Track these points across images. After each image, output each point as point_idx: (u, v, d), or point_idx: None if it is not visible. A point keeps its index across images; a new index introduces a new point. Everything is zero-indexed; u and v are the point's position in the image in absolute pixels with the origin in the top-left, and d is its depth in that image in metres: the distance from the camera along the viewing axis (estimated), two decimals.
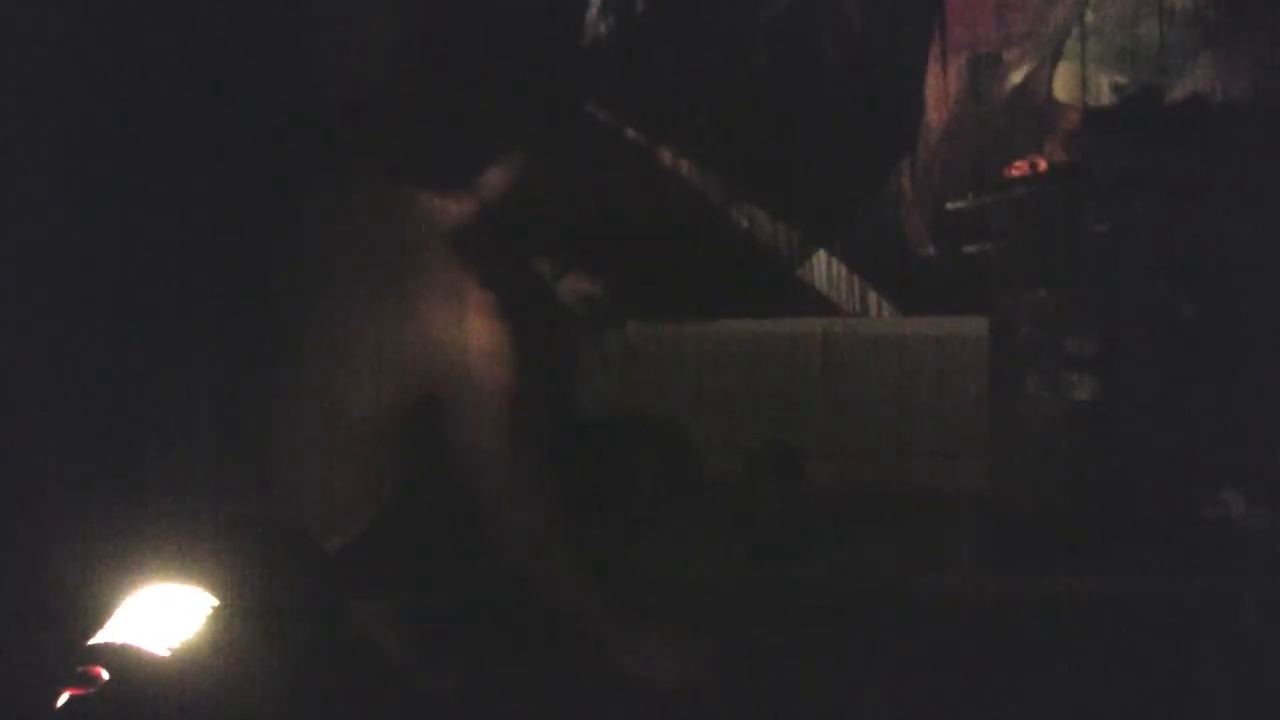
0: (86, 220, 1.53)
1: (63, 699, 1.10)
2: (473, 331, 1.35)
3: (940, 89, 1.98)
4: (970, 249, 1.97)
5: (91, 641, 1.16)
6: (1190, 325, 1.95)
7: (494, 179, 1.41)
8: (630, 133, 1.94)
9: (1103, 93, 2.13)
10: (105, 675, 1.12)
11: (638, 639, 1.32)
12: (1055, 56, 2.11)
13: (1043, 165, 2.01)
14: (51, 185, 1.50)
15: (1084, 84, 2.12)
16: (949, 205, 1.98)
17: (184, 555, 1.25)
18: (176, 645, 1.18)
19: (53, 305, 1.48)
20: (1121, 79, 2.11)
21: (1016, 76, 2.11)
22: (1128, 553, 1.29)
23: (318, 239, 1.43)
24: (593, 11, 1.95)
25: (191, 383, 1.52)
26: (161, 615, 1.20)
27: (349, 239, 1.40)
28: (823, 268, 1.87)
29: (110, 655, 1.14)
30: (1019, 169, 2.01)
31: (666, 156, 1.89)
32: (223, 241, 1.58)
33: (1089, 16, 2.11)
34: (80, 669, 1.12)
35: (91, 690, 1.11)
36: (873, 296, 1.90)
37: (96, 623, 1.17)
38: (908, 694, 1.45)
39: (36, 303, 1.46)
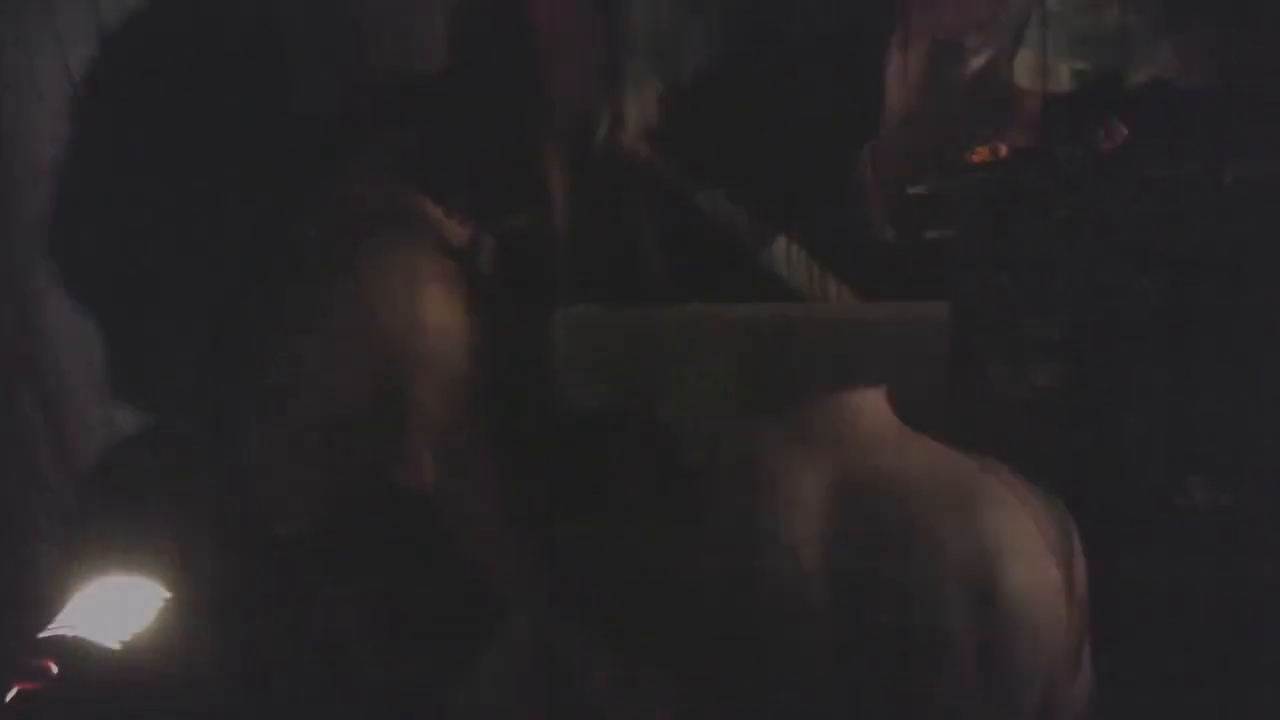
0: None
1: (11, 693, 1.10)
2: (428, 312, 1.35)
3: (901, 74, 1.97)
4: (932, 234, 1.97)
5: (41, 634, 1.15)
6: (1152, 312, 1.95)
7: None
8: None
9: (1063, 78, 2.11)
10: (55, 668, 1.12)
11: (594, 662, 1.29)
12: (1017, 42, 2.08)
13: (1004, 151, 2.01)
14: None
15: (1045, 69, 2.08)
16: (910, 190, 1.97)
17: (136, 546, 1.25)
18: (128, 638, 1.17)
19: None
20: (1082, 65, 2.10)
21: (978, 62, 2.06)
22: (1090, 539, 1.29)
23: (293, 231, 1.43)
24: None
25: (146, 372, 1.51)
26: (113, 608, 1.19)
27: (320, 227, 1.40)
28: (782, 253, 1.87)
29: (60, 648, 1.14)
30: (980, 155, 2.01)
31: (625, 139, 1.88)
32: (206, 234, 1.56)
33: (1050, 2, 2.09)
34: (29, 662, 1.12)
35: (41, 684, 1.11)
36: (832, 282, 1.90)
37: (46, 615, 1.17)
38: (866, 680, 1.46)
39: None
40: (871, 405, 1.24)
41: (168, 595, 1.22)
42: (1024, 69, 2.08)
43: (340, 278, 1.37)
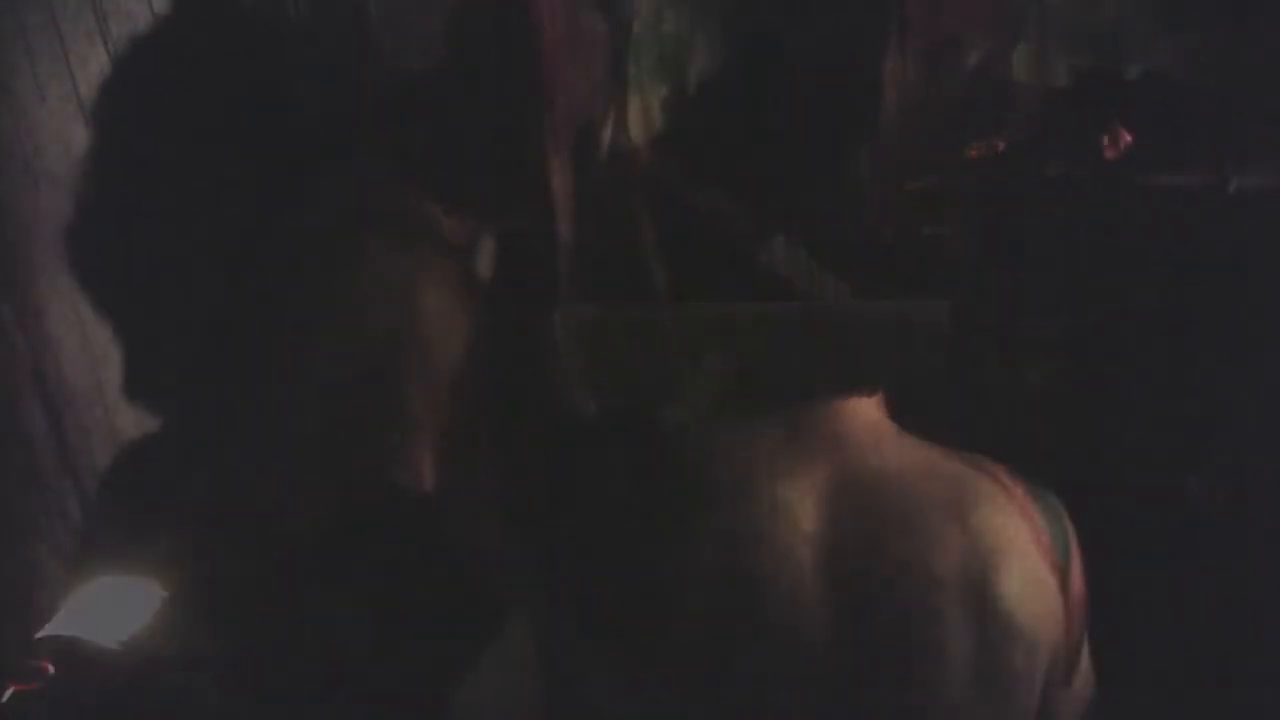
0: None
1: (8, 694, 1.10)
2: (428, 311, 1.35)
3: (899, 71, 1.95)
4: (930, 231, 1.97)
5: (40, 634, 1.15)
6: (1152, 312, 1.95)
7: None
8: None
9: (1060, 74, 2.07)
10: (53, 669, 1.12)
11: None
12: (1015, 38, 2.06)
13: (1001, 147, 2.01)
14: None
15: (1041, 65, 2.06)
16: (908, 187, 1.97)
17: (136, 546, 1.25)
18: (128, 638, 1.17)
19: None
20: (1079, 60, 2.08)
21: (975, 59, 2.04)
22: (1088, 539, 1.29)
23: (294, 231, 1.43)
24: None
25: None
26: (113, 608, 1.19)
27: (322, 227, 1.41)
28: (782, 253, 1.86)
29: (58, 649, 1.14)
30: (977, 149, 2.00)
31: (626, 140, 1.88)
32: (209, 235, 1.57)
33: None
34: (28, 662, 1.12)
35: (39, 684, 1.11)
36: (832, 281, 1.89)
37: (46, 616, 1.17)
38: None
39: None
40: (868, 406, 1.23)
41: (168, 595, 1.22)
42: (1022, 65, 2.06)
43: (341, 278, 1.37)
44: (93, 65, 1.36)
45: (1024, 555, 1.18)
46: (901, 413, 1.28)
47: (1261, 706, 1.59)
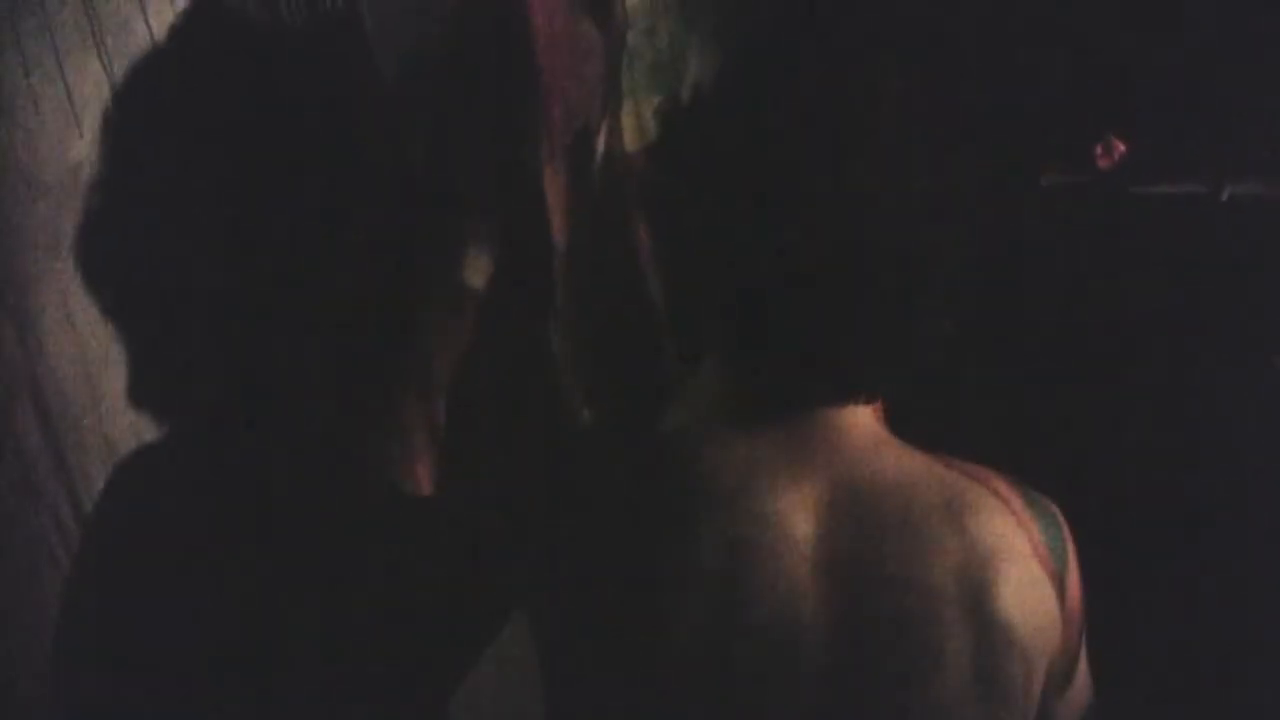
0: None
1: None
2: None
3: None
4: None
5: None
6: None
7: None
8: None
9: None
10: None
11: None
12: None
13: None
14: None
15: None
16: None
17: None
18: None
19: None
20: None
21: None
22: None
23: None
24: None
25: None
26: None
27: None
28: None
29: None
30: None
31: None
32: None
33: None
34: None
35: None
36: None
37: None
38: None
39: None
40: (865, 413, 1.23)
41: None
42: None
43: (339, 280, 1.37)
44: (87, 72, 1.36)
45: (1021, 562, 1.18)
46: (899, 420, 1.28)
47: (1261, 708, 1.59)
